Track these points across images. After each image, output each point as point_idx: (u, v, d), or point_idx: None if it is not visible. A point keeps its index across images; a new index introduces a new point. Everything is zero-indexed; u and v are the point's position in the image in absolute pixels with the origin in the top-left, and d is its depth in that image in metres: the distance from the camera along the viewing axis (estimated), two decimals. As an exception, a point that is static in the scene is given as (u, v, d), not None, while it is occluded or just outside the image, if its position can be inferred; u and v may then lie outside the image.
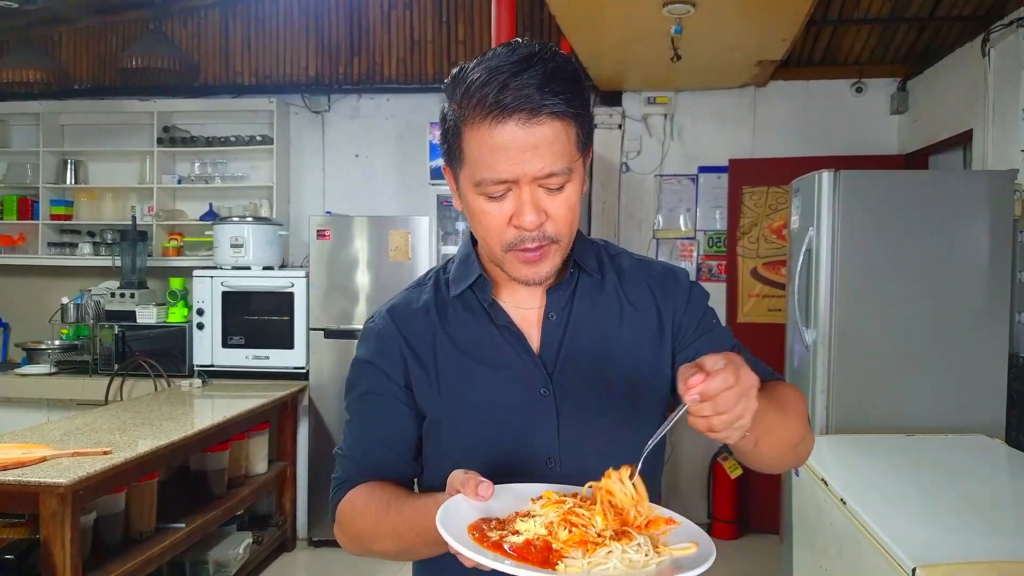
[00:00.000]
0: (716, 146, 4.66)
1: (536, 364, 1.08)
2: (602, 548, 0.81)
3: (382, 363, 1.11)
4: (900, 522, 1.87)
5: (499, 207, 0.98)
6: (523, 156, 0.94)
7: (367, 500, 1.08)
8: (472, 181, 0.98)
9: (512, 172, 0.95)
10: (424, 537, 1.00)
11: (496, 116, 0.93)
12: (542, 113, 0.93)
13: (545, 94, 0.93)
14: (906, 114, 4.50)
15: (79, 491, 2.41)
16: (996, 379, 2.92)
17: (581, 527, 0.83)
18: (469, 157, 0.97)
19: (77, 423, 3.19)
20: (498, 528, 0.86)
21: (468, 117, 0.96)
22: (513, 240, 0.99)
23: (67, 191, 5.05)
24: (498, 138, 0.94)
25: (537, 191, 0.97)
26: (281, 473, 4.21)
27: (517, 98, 0.92)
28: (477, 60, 0.98)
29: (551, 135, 0.94)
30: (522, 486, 0.95)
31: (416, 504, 1.02)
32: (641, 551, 0.82)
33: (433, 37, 4.81)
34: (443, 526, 0.82)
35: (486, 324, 1.10)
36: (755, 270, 4.61)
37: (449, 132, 1.00)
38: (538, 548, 0.81)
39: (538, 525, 0.83)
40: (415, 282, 1.20)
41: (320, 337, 4.34)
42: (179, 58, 4.49)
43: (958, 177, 3.39)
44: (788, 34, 3.59)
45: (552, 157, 0.95)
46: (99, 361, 4.47)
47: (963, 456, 2.52)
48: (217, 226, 4.45)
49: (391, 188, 4.92)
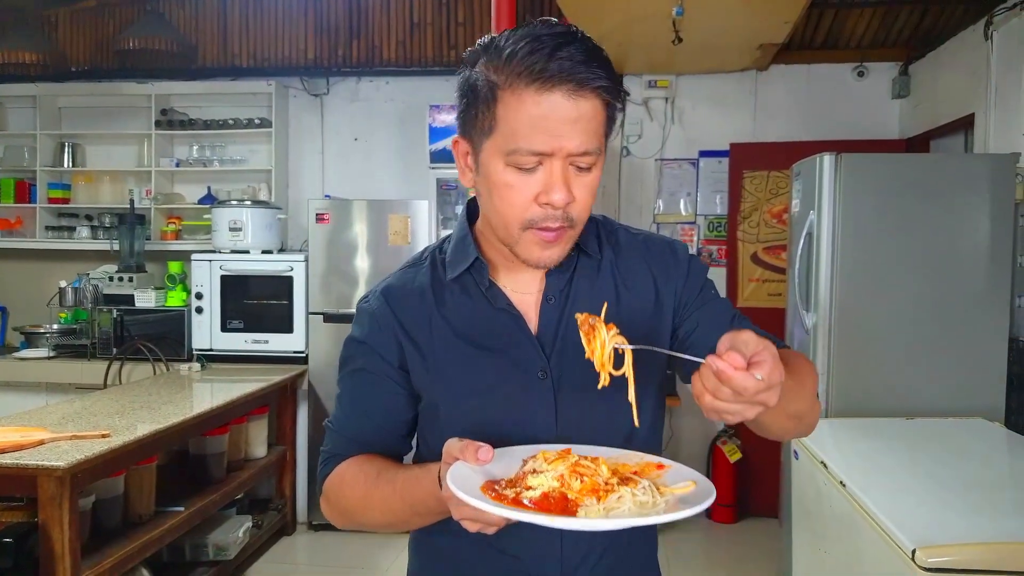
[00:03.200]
0: (717, 130, 4.64)
1: (535, 347, 1.07)
2: (612, 494, 0.85)
3: (376, 343, 1.10)
4: (900, 504, 1.87)
5: (527, 181, 0.95)
6: (563, 128, 0.92)
7: (357, 472, 1.08)
8: (503, 150, 0.95)
9: (550, 144, 0.92)
10: (415, 508, 1.00)
11: (543, 83, 0.91)
12: (587, 87, 0.91)
13: (592, 67, 0.91)
14: (908, 98, 4.47)
15: (77, 474, 2.41)
16: (996, 363, 2.91)
17: (590, 477, 0.87)
18: (504, 125, 0.94)
19: (76, 407, 3.19)
20: (510, 487, 0.88)
21: (509, 83, 0.93)
22: (535, 218, 0.97)
23: (65, 174, 5.03)
24: (543, 106, 0.91)
25: (568, 168, 0.95)
26: (280, 457, 4.22)
27: (564, 68, 0.90)
28: (510, 31, 0.96)
29: (591, 111, 0.93)
30: (517, 448, 0.97)
31: (408, 475, 1.02)
32: (648, 493, 0.87)
33: (433, 20, 4.77)
34: (458, 489, 0.83)
35: (484, 307, 1.09)
36: (755, 255, 4.60)
37: (479, 99, 0.96)
38: (556, 499, 0.84)
39: (550, 479, 0.86)
40: (410, 261, 1.18)
41: (319, 321, 4.33)
42: (177, 40, 4.46)
43: (960, 160, 3.37)
44: (790, 16, 3.56)
45: (589, 134, 0.94)
46: (97, 345, 4.46)
47: (962, 439, 2.52)
48: (215, 210, 4.44)
49: (390, 172, 4.90)
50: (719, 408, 0.80)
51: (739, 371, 0.76)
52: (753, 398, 0.77)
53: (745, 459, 4.42)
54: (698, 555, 4.14)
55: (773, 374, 0.77)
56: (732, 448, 4.39)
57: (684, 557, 4.04)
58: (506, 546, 1.08)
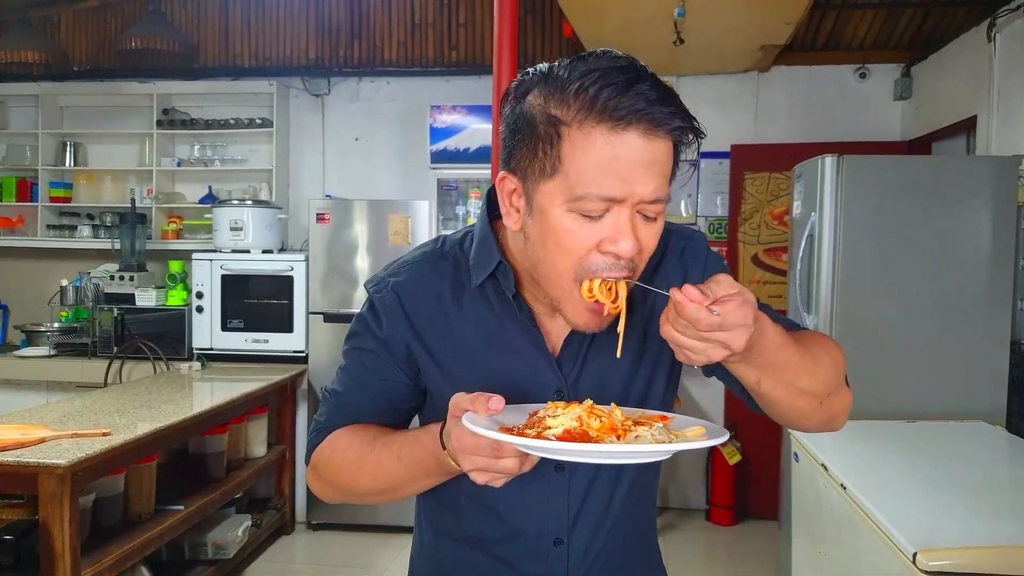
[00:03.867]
0: (718, 131, 4.63)
1: (552, 368, 1.04)
2: (631, 433, 0.85)
3: (384, 335, 1.07)
4: (901, 507, 1.87)
5: (591, 228, 0.87)
6: (636, 172, 0.84)
7: (351, 437, 1.05)
8: (568, 195, 0.86)
9: (623, 190, 0.84)
10: (412, 471, 0.98)
11: (616, 122, 0.83)
12: (663, 127, 0.84)
13: (668, 106, 0.84)
14: (910, 100, 4.47)
15: (78, 472, 2.41)
16: (997, 366, 2.91)
17: (607, 418, 0.87)
18: (570, 167, 0.85)
19: (76, 405, 3.18)
20: (526, 428, 0.87)
21: (577, 120, 0.84)
22: (594, 267, 0.88)
23: (66, 173, 5.03)
24: (617, 148, 0.83)
25: (636, 216, 0.87)
26: (280, 456, 4.22)
27: (637, 108, 0.82)
28: (568, 60, 0.88)
29: (665, 154, 0.86)
30: (525, 405, 0.96)
31: (407, 436, 1.00)
32: (663, 434, 0.86)
33: (434, 20, 4.77)
34: (479, 428, 0.82)
35: (504, 316, 1.04)
36: (756, 256, 4.59)
37: (538, 136, 0.87)
38: (577, 435, 0.83)
39: (569, 419, 0.85)
40: (428, 252, 1.10)
41: (319, 321, 4.33)
42: (178, 40, 4.46)
43: (962, 163, 3.37)
44: (792, 18, 3.55)
45: (662, 180, 0.87)
46: (98, 344, 4.47)
47: (963, 442, 2.52)
48: (216, 209, 4.44)
49: (391, 172, 4.90)
50: (676, 340, 0.79)
51: (692, 303, 0.75)
52: (710, 335, 0.76)
53: (745, 461, 4.41)
54: (697, 557, 4.14)
55: (734, 314, 0.75)
56: (731, 450, 4.39)
57: (683, 559, 4.03)
58: (511, 559, 1.07)
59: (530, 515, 1.06)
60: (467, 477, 1.01)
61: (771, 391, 0.92)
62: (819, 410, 0.99)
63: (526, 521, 1.07)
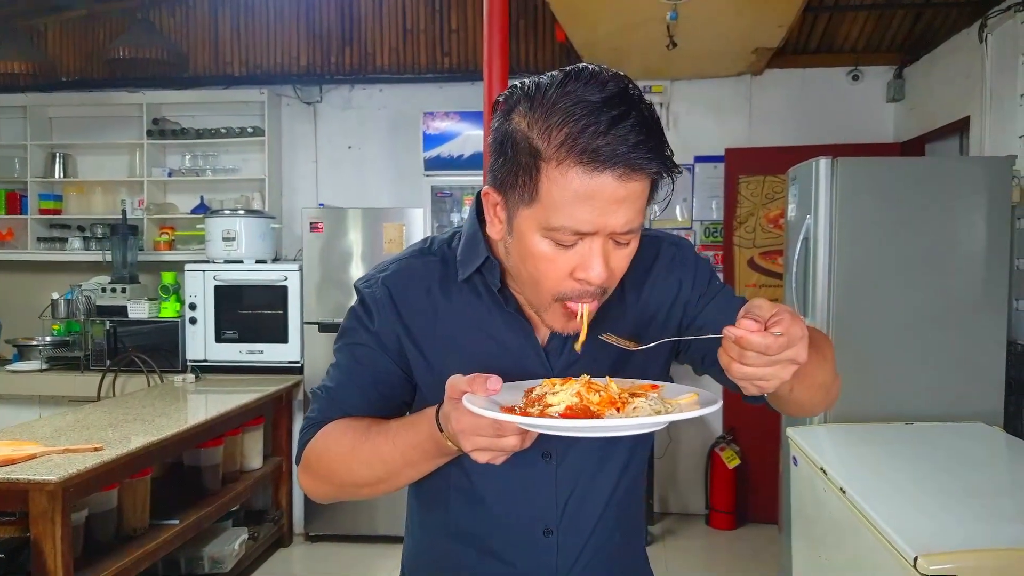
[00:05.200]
0: (712, 135, 4.63)
1: (540, 357, 1.06)
2: (628, 405, 0.88)
3: (376, 329, 1.08)
4: (901, 511, 1.86)
5: (563, 255, 0.91)
6: (609, 208, 0.87)
7: (344, 428, 1.05)
8: (542, 224, 0.90)
9: (594, 224, 0.88)
10: (409, 456, 0.98)
11: (592, 166, 0.85)
12: (639, 172, 0.86)
13: (645, 151, 0.85)
14: (902, 102, 4.47)
15: (69, 488, 2.38)
16: (994, 366, 2.90)
17: (605, 391, 0.90)
18: (546, 198, 0.88)
19: (68, 419, 3.15)
20: (529, 407, 0.89)
21: (554, 155, 0.87)
22: (568, 292, 0.94)
23: (56, 185, 4.99)
24: (590, 187, 0.86)
25: (607, 244, 0.91)
26: (276, 468, 4.19)
27: (617, 152, 0.84)
28: (553, 80, 0.89)
29: (639, 191, 0.89)
30: (520, 383, 0.97)
31: (402, 421, 1.01)
32: (659, 403, 0.89)
33: (426, 27, 4.76)
34: (480, 409, 0.84)
35: (492, 310, 1.06)
36: (752, 260, 4.59)
37: (519, 164, 0.90)
38: (579, 411, 0.86)
39: (569, 395, 0.88)
40: (415, 249, 1.13)
41: (314, 331, 4.30)
42: (168, 49, 4.44)
43: (956, 163, 3.37)
44: (785, 20, 3.55)
45: (634, 213, 0.90)
46: (91, 357, 4.43)
47: (962, 444, 2.51)
48: (209, 219, 4.41)
49: (385, 180, 4.88)
50: (750, 375, 0.79)
51: (756, 333, 0.76)
52: (780, 356, 0.77)
53: (744, 465, 4.40)
54: (697, 562, 4.12)
55: (793, 328, 0.77)
56: (730, 454, 4.38)
57: (682, 564, 4.01)
58: (501, 551, 1.09)
59: (518, 504, 1.09)
60: (455, 468, 1.05)
61: (800, 394, 0.96)
62: (825, 399, 1.05)
63: (514, 511, 1.08)
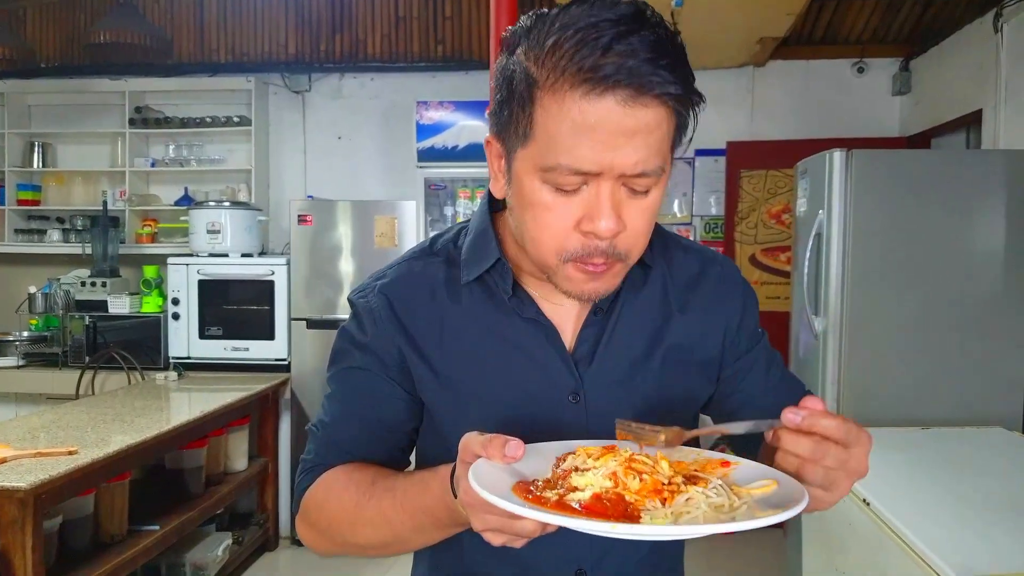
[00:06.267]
0: (713, 128, 4.50)
1: (568, 366, 0.92)
2: (680, 495, 0.68)
3: (373, 345, 0.94)
4: (933, 526, 1.74)
5: (567, 204, 0.77)
6: (615, 143, 0.73)
7: (346, 480, 0.91)
8: (539, 164, 0.77)
9: (598, 162, 0.74)
10: (418, 520, 0.83)
11: (591, 87, 0.72)
12: (649, 93, 0.72)
13: (658, 68, 0.71)
14: (908, 95, 4.37)
15: (41, 495, 2.23)
16: (1013, 369, 2.79)
17: (650, 474, 0.70)
18: (542, 133, 0.76)
19: (45, 419, 3.00)
20: (547, 487, 0.71)
21: (550, 81, 0.74)
22: (576, 251, 0.79)
23: (34, 175, 4.82)
24: (589, 115, 0.72)
25: (619, 191, 0.77)
26: (262, 469, 4.04)
27: (622, 68, 0.71)
28: (565, 6, 0.76)
29: (653, 123, 0.74)
30: (548, 445, 0.79)
31: (411, 480, 0.85)
32: (723, 494, 0.70)
33: (419, 13, 4.62)
34: (488, 492, 0.66)
35: (508, 315, 0.92)
36: (753, 256, 4.47)
37: (515, 95, 0.78)
38: (611, 502, 0.67)
39: (601, 477, 0.69)
40: (417, 250, 0.99)
41: (302, 327, 4.15)
42: (151, 34, 4.26)
43: (975, 157, 3.25)
44: (794, 8, 3.44)
45: (648, 151, 0.74)
46: (69, 353, 4.26)
47: (984, 451, 2.39)
48: (193, 211, 4.25)
49: (376, 171, 4.73)
50: (823, 479, 0.73)
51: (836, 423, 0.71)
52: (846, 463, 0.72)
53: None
54: (699, 569, 4.01)
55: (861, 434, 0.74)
56: (731, 455, 4.26)
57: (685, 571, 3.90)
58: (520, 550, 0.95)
59: (546, 542, 0.92)
60: None
61: None
62: None
63: (542, 551, 0.91)
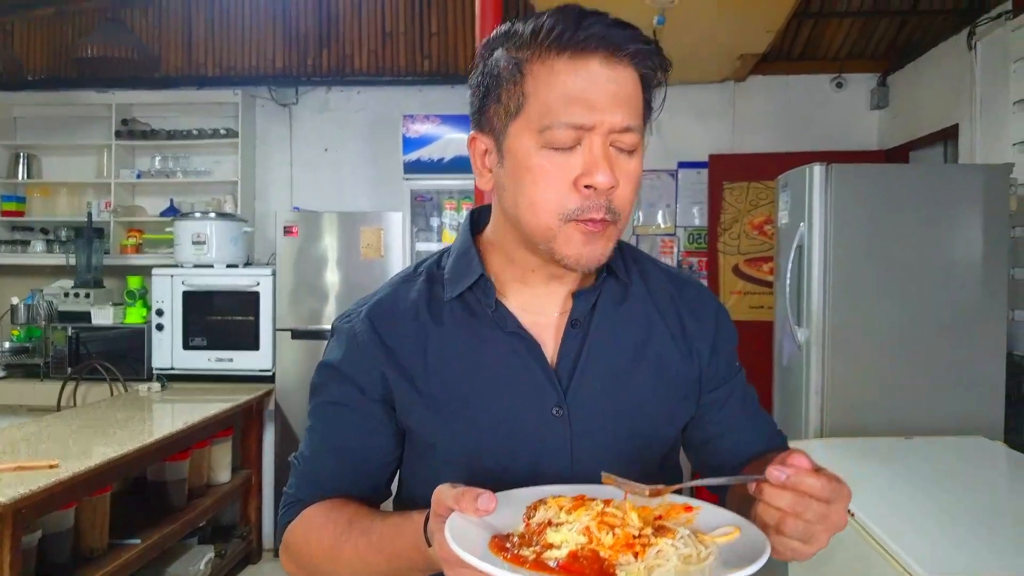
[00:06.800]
0: (695, 141, 4.55)
1: (550, 379, 0.93)
2: (651, 548, 0.71)
3: (353, 372, 0.95)
4: (917, 536, 1.75)
5: (565, 163, 0.84)
6: (602, 100, 0.82)
7: (325, 520, 0.92)
8: (536, 126, 0.84)
9: (590, 117, 0.82)
10: (394, 564, 0.84)
11: (575, 51, 0.83)
12: (625, 53, 0.83)
13: (627, 35, 0.83)
14: (886, 109, 4.43)
15: (21, 510, 2.21)
16: (993, 378, 2.82)
17: (621, 528, 0.72)
18: (534, 99, 0.84)
19: (25, 431, 2.97)
20: (524, 544, 0.72)
21: (537, 54, 0.84)
22: (577, 208, 0.84)
23: (19, 186, 4.80)
24: (579, 76, 0.82)
25: (609, 149, 0.84)
26: (246, 481, 4.01)
27: (597, 35, 0.82)
28: (536, 14, 0.88)
29: (631, 84, 0.85)
30: (519, 492, 0.81)
31: (385, 524, 0.86)
32: (690, 544, 0.72)
33: (405, 29, 4.65)
34: (465, 552, 0.67)
35: (490, 330, 0.94)
36: (736, 267, 4.51)
37: (502, 81, 0.86)
38: (587, 559, 0.69)
39: (575, 534, 0.71)
40: (401, 276, 1.03)
41: (287, 338, 4.15)
42: (138, 48, 4.28)
43: (952, 171, 3.31)
44: (772, 26, 3.49)
45: (630, 107, 0.84)
46: (51, 364, 4.22)
47: (965, 460, 2.42)
48: (178, 222, 4.24)
49: (362, 183, 4.74)
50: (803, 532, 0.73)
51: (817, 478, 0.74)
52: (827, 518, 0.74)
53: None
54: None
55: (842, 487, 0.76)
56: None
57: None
58: None
59: None
60: None
61: None
62: None
63: None
